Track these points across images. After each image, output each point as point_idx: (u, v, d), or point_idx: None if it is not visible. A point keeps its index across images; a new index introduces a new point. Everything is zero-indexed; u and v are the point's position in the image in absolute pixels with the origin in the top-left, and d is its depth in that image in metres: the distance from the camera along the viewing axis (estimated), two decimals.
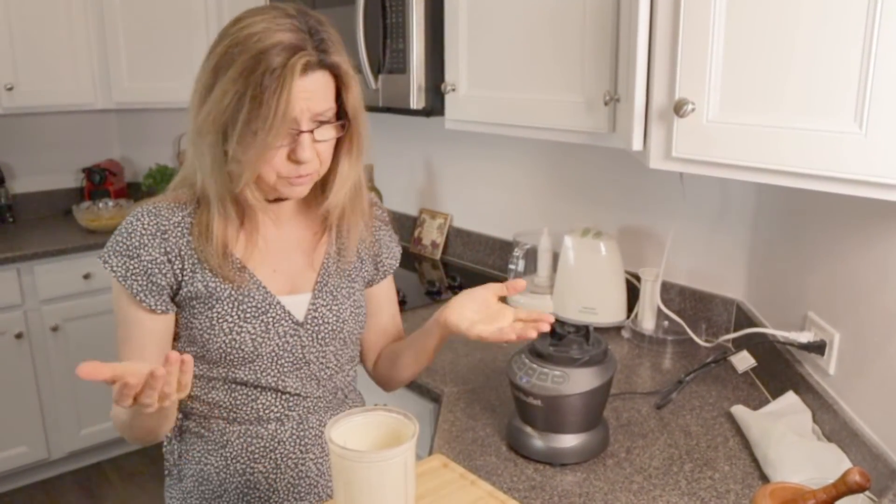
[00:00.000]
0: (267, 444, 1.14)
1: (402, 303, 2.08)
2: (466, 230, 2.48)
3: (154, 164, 3.43)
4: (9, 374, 2.80)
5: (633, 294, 1.81)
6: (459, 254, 2.53)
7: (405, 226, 2.75)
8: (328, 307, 1.16)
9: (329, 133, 1.03)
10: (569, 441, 1.21)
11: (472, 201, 2.47)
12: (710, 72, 1.07)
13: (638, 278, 1.78)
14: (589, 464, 1.22)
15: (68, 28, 2.98)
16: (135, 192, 3.49)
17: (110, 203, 3.19)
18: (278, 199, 1.11)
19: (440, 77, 1.88)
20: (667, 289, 1.81)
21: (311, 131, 1.00)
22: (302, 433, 1.16)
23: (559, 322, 1.28)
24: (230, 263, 1.08)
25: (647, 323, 1.73)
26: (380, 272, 1.28)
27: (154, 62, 3.02)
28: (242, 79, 0.95)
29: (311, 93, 0.98)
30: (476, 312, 1.17)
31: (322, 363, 1.17)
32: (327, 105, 1.01)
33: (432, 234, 2.61)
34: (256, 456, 1.14)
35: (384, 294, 1.32)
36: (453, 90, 1.83)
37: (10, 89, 2.89)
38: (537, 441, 1.22)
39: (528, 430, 1.24)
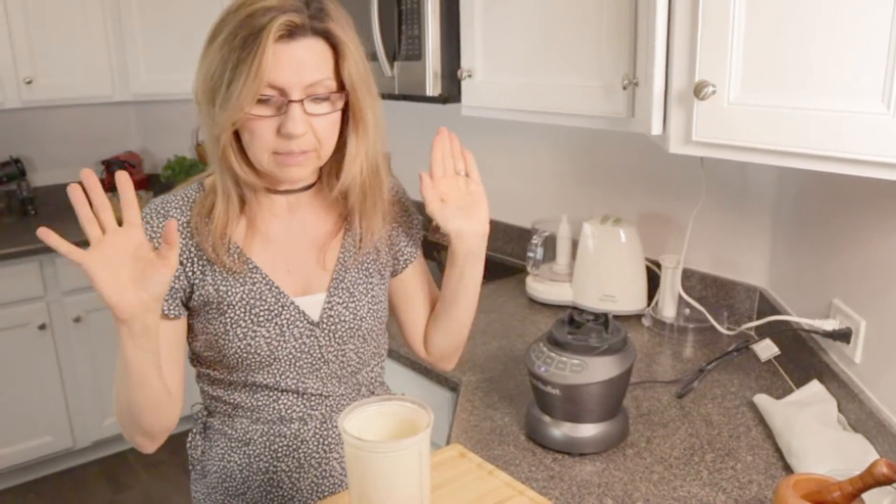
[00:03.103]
0: (290, 444, 1.13)
1: None
2: None
3: (173, 156, 3.45)
4: (33, 365, 2.84)
5: (653, 281, 1.79)
6: None
7: (423, 214, 2.73)
8: (344, 305, 1.13)
9: (324, 107, 0.99)
10: (588, 430, 1.20)
11: (491, 189, 2.42)
12: (731, 53, 1.04)
13: (658, 265, 1.75)
14: (608, 453, 1.20)
15: (85, 21, 2.99)
16: (154, 183, 3.51)
17: None
18: (289, 191, 1.10)
19: (456, 63, 1.85)
20: (688, 276, 1.79)
21: (301, 102, 0.96)
22: (325, 432, 1.14)
23: (577, 310, 1.27)
24: (227, 249, 1.05)
25: (668, 311, 1.70)
26: (399, 262, 1.24)
27: (171, 53, 3.03)
28: (227, 43, 0.93)
29: (298, 61, 0.94)
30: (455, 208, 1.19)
31: (342, 361, 1.14)
32: (320, 75, 0.97)
33: None
34: (279, 455, 1.13)
35: (413, 279, 1.25)
36: (469, 76, 1.81)
37: (30, 83, 2.91)
38: (556, 430, 1.21)
39: (547, 419, 1.23)
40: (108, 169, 3.31)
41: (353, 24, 1.02)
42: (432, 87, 1.90)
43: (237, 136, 1.00)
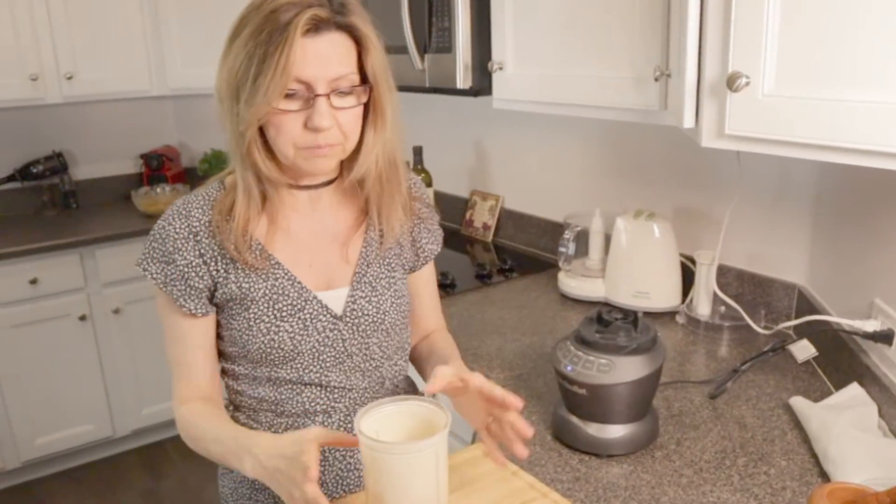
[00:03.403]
0: None
1: (451, 286, 2.05)
2: (518, 212, 2.44)
3: (209, 149, 3.49)
4: (74, 355, 2.90)
5: (688, 278, 1.74)
6: (511, 236, 2.48)
7: (456, 208, 2.71)
8: (367, 299, 1.13)
9: (349, 101, 1.00)
10: (615, 431, 1.17)
11: (524, 182, 2.42)
12: (766, 41, 1.00)
13: (693, 261, 1.71)
14: (636, 455, 1.17)
15: (123, 17, 3.03)
16: (191, 176, 3.55)
17: (167, 188, 3.26)
18: (310, 186, 1.09)
19: (487, 55, 1.83)
20: (724, 272, 1.74)
21: (328, 96, 0.97)
22: (349, 426, 1.14)
23: (609, 306, 1.24)
24: (249, 246, 1.05)
25: (703, 308, 1.66)
26: (420, 258, 1.24)
27: (207, 48, 3.04)
28: (253, 38, 0.94)
29: (324, 55, 0.95)
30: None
31: (366, 355, 1.14)
32: (345, 69, 0.98)
33: (484, 216, 2.58)
34: None
35: (423, 281, 1.27)
36: (500, 69, 1.78)
37: (70, 78, 2.97)
38: (583, 431, 1.18)
39: (574, 419, 1.20)
40: (147, 162, 3.36)
41: (370, 19, 1.03)
42: (463, 80, 1.88)
43: (261, 131, 1.01)
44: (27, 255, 2.73)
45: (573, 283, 1.89)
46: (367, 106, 1.04)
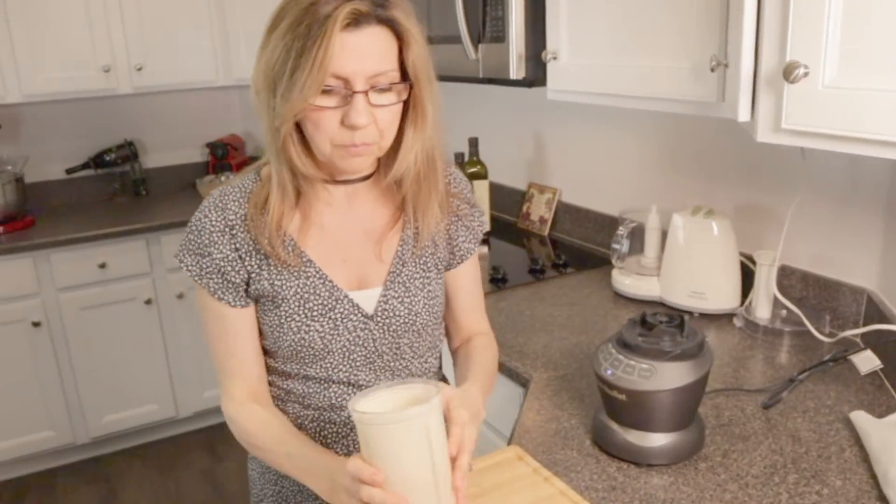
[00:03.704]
0: (339, 430, 1.12)
1: (502, 280, 2.02)
2: (575, 206, 2.37)
3: None
4: (140, 338, 3.00)
5: (748, 279, 1.65)
6: (568, 230, 2.43)
7: (513, 200, 2.67)
8: (399, 299, 1.10)
9: (388, 98, 0.96)
10: (656, 440, 1.12)
11: (582, 175, 2.35)
12: (828, 27, 0.92)
13: (753, 262, 1.62)
14: (678, 466, 1.11)
15: (191, 9, 3.10)
16: None
17: (231, 176, 3.32)
18: (346, 182, 1.07)
19: (541, 45, 1.77)
20: (787, 274, 1.64)
21: (366, 93, 0.94)
22: None
23: (652, 310, 1.18)
24: (282, 242, 1.04)
25: (762, 311, 1.57)
26: (456, 257, 1.20)
27: None
28: (291, 31, 0.91)
29: (363, 50, 0.92)
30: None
31: (396, 354, 1.12)
32: (385, 66, 0.94)
33: (540, 210, 2.52)
34: (329, 441, 1.12)
35: (461, 280, 1.21)
36: (554, 58, 1.72)
37: (140, 69, 3.06)
38: (622, 438, 1.14)
39: (614, 425, 1.15)
40: (212, 151, 3.44)
41: (414, 11, 0.99)
42: (516, 70, 1.83)
43: (297, 126, 0.99)
44: (97, 240, 2.83)
45: (627, 280, 1.83)
46: (406, 103, 1.01)
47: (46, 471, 3.01)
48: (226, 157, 3.42)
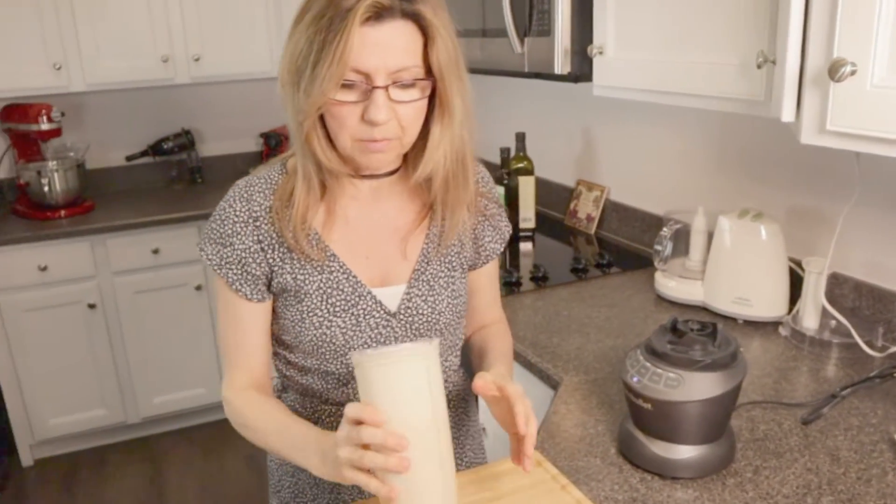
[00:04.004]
0: None
1: (543, 279, 1.98)
2: (623, 204, 2.31)
3: None
4: (190, 324, 3.07)
5: (797, 286, 1.58)
6: (615, 229, 2.37)
7: (561, 197, 2.62)
8: (423, 298, 1.09)
9: (410, 94, 0.94)
10: (683, 452, 1.07)
11: (631, 174, 2.29)
12: (878, 22, 0.86)
13: (803, 268, 1.54)
14: (705, 480, 1.07)
15: (248, 1, 3.15)
16: None
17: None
18: (373, 176, 1.06)
19: (588, 39, 1.73)
20: (839, 282, 1.56)
21: (386, 88, 0.92)
22: None
23: (685, 317, 1.13)
24: (307, 235, 1.03)
25: (810, 321, 1.49)
26: (482, 257, 1.18)
27: None
28: (314, 24, 0.90)
29: (385, 45, 0.89)
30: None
31: None
32: (408, 61, 0.92)
33: (588, 207, 2.47)
34: None
35: (484, 279, 1.22)
36: (600, 53, 1.68)
37: (197, 60, 3.12)
38: (647, 448, 1.09)
39: (639, 435, 1.11)
40: (266, 141, 3.49)
41: (444, 5, 0.96)
42: (562, 65, 1.79)
43: (322, 120, 0.98)
44: (151, 226, 2.91)
45: (671, 283, 1.77)
46: (432, 99, 0.99)
47: (98, 448, 3.12)
48: (279, 146, 3.47)
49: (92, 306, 2.90)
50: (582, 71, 1.78)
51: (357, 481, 0.83)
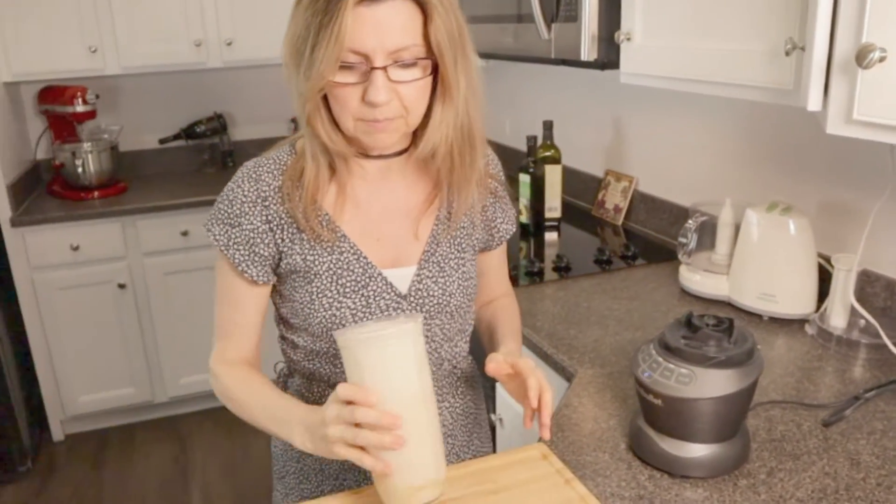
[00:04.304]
0: None
1: (566, 269, 1.95)
2: (651, 195, 2.27)
3: None
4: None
5: (826, 283, 1.52)
6: (643, 221, 2.32)
7: (589, 187, 2.58)
8: (434, 279, 1.08)
9: (411, 73, 0.93)
10: (694, 451, 1.04)
11: (659, 164, 2.24)
12: None
13: (833, 264, 1.49)
14: (716, 480, 1.03)
15: None
16: None
17: None
18: (381, 156, 1.05)
19: (615, 25, 1.68)
20: (871, 280, 1.50)
21: (385, 69, 0.90)
22: None
23: (700, 312, 1.10)
24: (317, 216, 1.02)
25: (837, 319, 1.44)
26: (495, 238, 1.18)
27: None
28: (311, 6, 0.89)
29: (382, 24, 0.88)
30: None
31: (427, 336, 1.09)
32: (407, 40, 0.90)
33: (616, 198, 2.43)
34: None
35: (496, 258, 1.23)
36: (628, 40, 1.63)
37: (230, 44, 3.14)
38: (657, 446, 1.06)
39: (650, 431, 1.08)
40: (297, 126, 3.49)
41: None
42: (588, 52, 1.74)
43: (326, 101, 0.97)
44: (180, 208, 2.94)
45: (695, 277, 1.72)
46: (436, 78, 0.97)
47: (126, 425, 3.18)
48: None
49: (122, 286, 2.95)
50: (609, 58, 1.74)
51: (349, 457, 0.84)
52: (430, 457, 0.89)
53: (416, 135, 1.04)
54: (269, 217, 1.03)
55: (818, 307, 1.53)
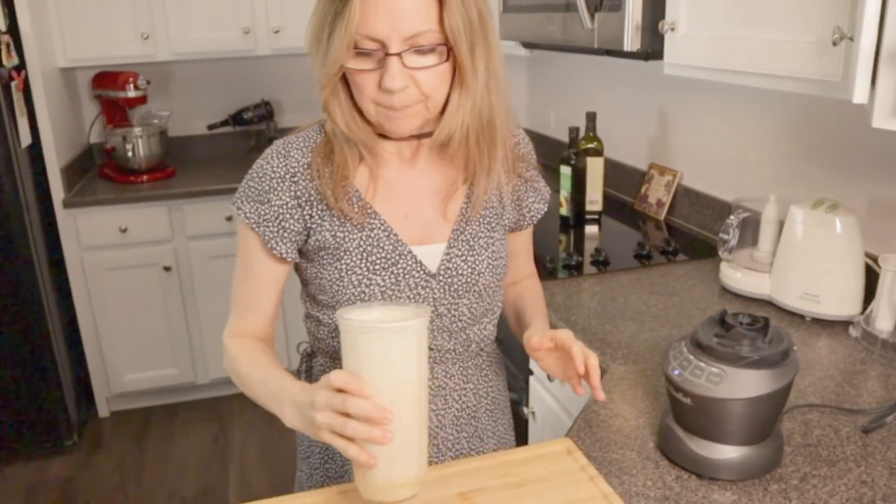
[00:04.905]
0: None
1: (604, 263, 1.92)
2: (695, 190, 2.22)
3: None
4: None
5: (873, 284, 1.46)
6: (686, 216, 2.27)
7: (632, 180, 2.54)
8: (463, 258, 1.08)
9: (428, 59, 0.93)
10: (724, 452, 1.01)
11: (705, 158, 2.19)
12: None
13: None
14: (745, 484, 1.00)
15: None
16: None
17: None
18: (412, 137, 1.05)
19: (660, 15, 1.64)
20: None
21: (400, 55, 0.90)
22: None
23: (734, 310, 1.07)
24: (347, 195, 1.03)
25: (884, 322, 1.39)
26: (526, 218, 1.18)
27: None
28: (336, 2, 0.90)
29: (396, 10, 0.89)
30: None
31: (455, 315, 1.10)
32: (422, 26, 0.90)
33: (659, 192, 2.38)
34: None
35: (525, 238, 1.25)
36: (672, 30, 1.59)
37: (277, 32, 3.17)
38: (686, 445, 1.04)
39: (679, 430, 1.06)
40: None
41: None
42: (632, 42, 1.71)
43: (349, 89, 0.98)
44: (224, 193, 2.99)
45: (737, 275, 1.68)
46: (455, 65, 0.97)
47: (168, 405, 3.26)
48: None
49: (167, 269, 3.01)
50: (653, 48, 1.70)
51: (335, 445, 0.82)
52: (415, 455, 0.88)
53: (440, 134, 1.04)
54: (298, 193, 1.03)
55: (864, 309, 1.47)
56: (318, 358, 1.17)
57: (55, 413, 2.84)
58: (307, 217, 1.04)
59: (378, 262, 1.04)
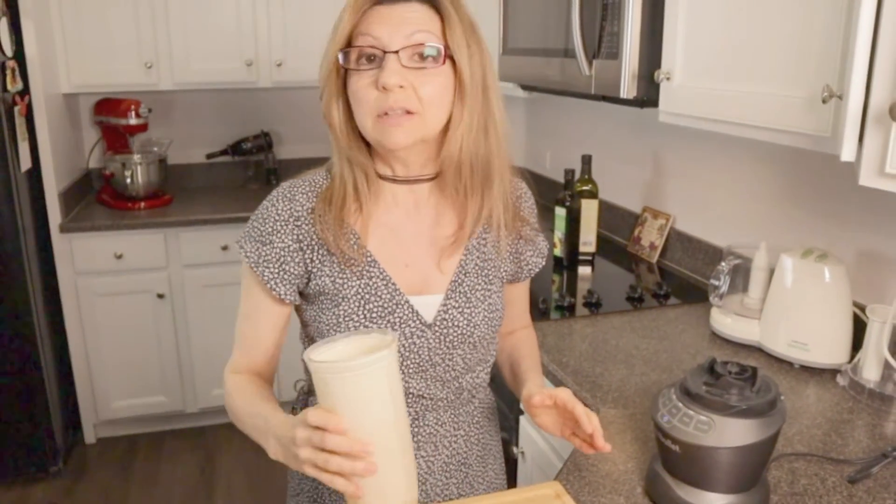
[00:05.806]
0: None
1: (595, 305, 1.94)
2: (688, 234, 2.24)
3: None
4: None
5: (861, 333, 1.48)
6: (678, 259, 2.30)
7: (626, 222, 2.57)
8: (460, 310, 1.09)
9: (424, 62, 0.96)
10: (712, 500, 1.02)
11: (697, 204, 2.22)
12: None
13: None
14: None
15: (332, 11, 3.21)
16: None
17: None
18: (409, 181, 1.06)
19: (656, 64, 1.69)
20: None
21: (397, 52, 0.95)
22: (415, 430, 1.11)
23: (723, 359, 1.08)
24: (346, 237, 1.04)
25: (870, 372, 1.40)
26: (524, 271, 1.18)
27: None
28: (338, 16, 0.99)
29: (398, 18, 0.95)
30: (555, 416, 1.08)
31: (448, 365, 1.10)
32: (423, 34, 0.96)
33: (652, 235, 2.41)
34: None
35: (522, 288, 1.25)
36: (668, 79, 1.63)
37: (279, 65, 3.21)
38: (673, 492, 1.05)
39: (667, 477, 1.07)
40: None
41: (464, 5, 1.01)
42: (628, 89, 1.75)
43: (349, 107, 1.02)
44: (221, 223, 3.00)
45: (726, 320, 1.70)
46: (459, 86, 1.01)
47: (156, 433, 3.23)
48: None
49: (161, 296, 3.01)
50: (648, 96, 1.74)
51: (320, 479, 0.83)
52: (402, 479, 0.88)
53: (443, 163, 1.06)
54: (301, 237, 1.05)
55: (851, 358, 1.49)
56: (315, 396, 1.18)
57: (41, 438, 2.81)
58: (308, 261, 1.05)
59: (375, 310, 1.05)
